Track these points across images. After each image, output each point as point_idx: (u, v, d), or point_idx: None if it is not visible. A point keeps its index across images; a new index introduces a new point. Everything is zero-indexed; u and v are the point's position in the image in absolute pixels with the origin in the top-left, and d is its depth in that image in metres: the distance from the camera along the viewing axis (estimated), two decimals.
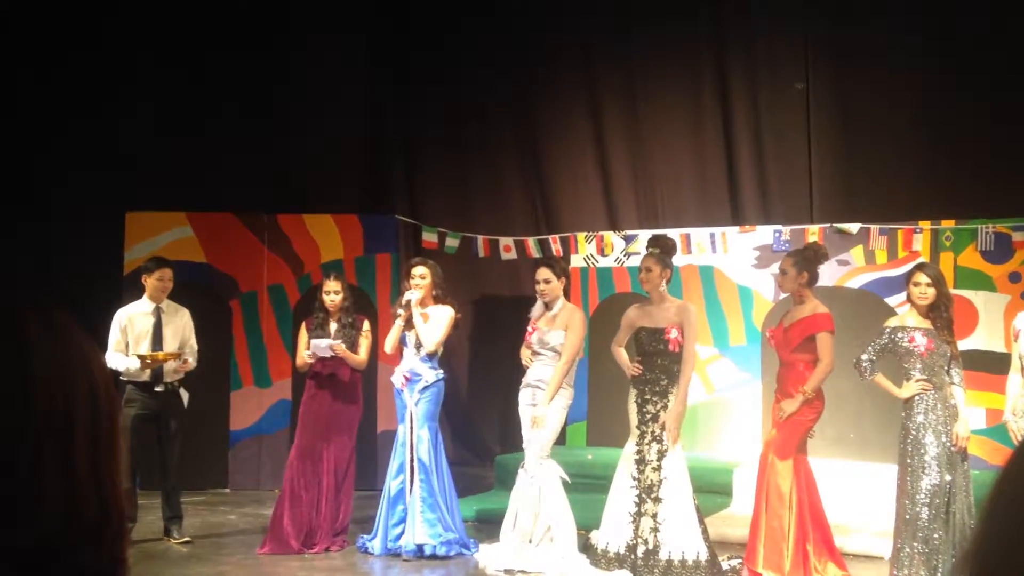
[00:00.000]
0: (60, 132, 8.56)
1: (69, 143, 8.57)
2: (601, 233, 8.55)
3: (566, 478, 5.96)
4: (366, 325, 6.41)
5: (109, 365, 6.13)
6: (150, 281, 6.42)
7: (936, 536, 4.91)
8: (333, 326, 6.34)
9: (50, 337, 0.78)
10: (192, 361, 6.40)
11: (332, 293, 6.32)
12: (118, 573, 0.79)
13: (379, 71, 9.58)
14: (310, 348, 6.18)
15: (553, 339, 5.94)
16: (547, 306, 6.03)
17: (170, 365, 6.28)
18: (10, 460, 0.74)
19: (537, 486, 5.87)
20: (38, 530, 0.74)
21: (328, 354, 6.15)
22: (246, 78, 8.93)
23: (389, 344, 6.33)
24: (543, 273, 6.01)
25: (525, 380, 6.04)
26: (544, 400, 5.87)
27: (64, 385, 0.77)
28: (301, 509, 6.19)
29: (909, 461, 5.03)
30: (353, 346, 6.29)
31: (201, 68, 8.87)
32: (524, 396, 6.01)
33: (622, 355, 5.94)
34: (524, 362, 6.10)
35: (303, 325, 6.49)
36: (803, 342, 5.37)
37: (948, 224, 7.42)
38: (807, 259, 5.50)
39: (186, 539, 6.39)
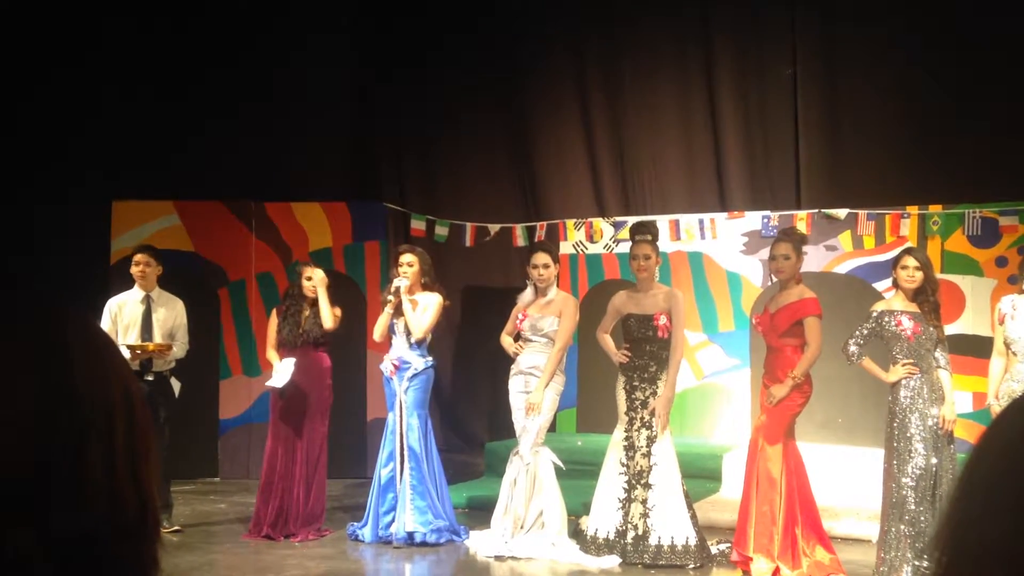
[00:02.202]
0: (46, 121, 8.49)
1: (55, 131, 8.51)
2: (590, 220, 8.55)
3: (560, 464, 5.98)
4: (337, 312, 6.36)
5: None
6: (133, 270, 6.43)
7: (922, 519, 4.94)
8: (306, 313, 6.31)
9: (87, 341, 0.82)
10: (178, 350, 6.38)
11: (312, 278, 6.31)
12: (151, 571, 0.83)
13: (368, 59, 9.53)
14: (273, 378, 6.20)
15: (546, 325, 5.94)
16: (540, 292, 6.02)
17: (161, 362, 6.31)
18: (58, 454, 0.78)
19: (532, 472, 5.88)
20: (83, 522, 0.78)
21: (286, 377, 6.15)
22: (234, 67, 8.87)
23: (378, 332, 6.33)
24: (542, 258, 5.99)
25: (516, 367, 6.04)
26: (539, 386, 5.87)
27: (103, 388, 0.81)
28: (278, 497, 6.20)
29: (895, 444, 5.06)
30: (324, 333, 6.28)
31: (190, 58, 8.81)
32: (516, 383, 6.01)
33: (608, 341, 5.94)
34: (509, 348, 6.08)
35: (274, 312, 6.47)
36: (791, 327, 5.39)
37: (935, 209, 7.45)
38: (801, 243, 5.56)
39: (175, 528, 6.38)
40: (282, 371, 6.19)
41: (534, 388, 5.91)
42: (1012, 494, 0.75)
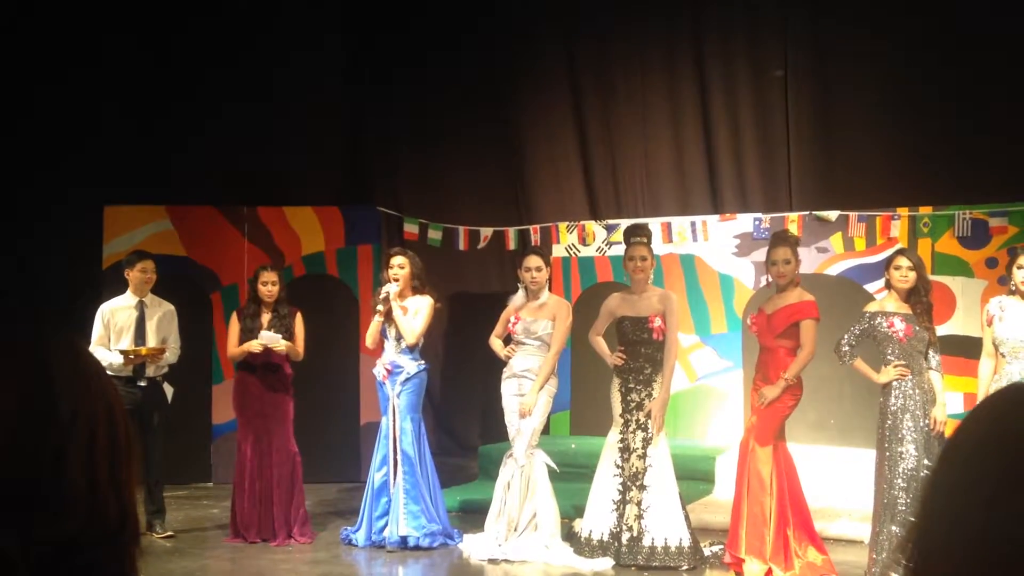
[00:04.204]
0: (39, 126, 8.47)
1: (48, 136, 8.49)
2: (582, 223, 8.57)
3: (554, 466, 5.99)
4: (299, 317, 6.38)
5: None
6: (133, 274, 6.41)
7: (913, 520, 4.96)
8: (266, 317, 6.31)
9: (69, 358, 0.87)
10: (169, 355, 6.37)
11: (269, 284, 6.29)
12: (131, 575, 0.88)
13: (360, 63, 9.54)
14: (260, 338, 6.17)
15: (540, 328, 5.95)
16: (532, 295, 6.02)
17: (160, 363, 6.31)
18: (40, 464, 0.82)
19: (526, 475, 5.89)
20: (64, 527, 0.82)
21: (278, 347, 6.15)
22: (227, 71, 8.87)
23: (370, 339, 6.32)
24: (535, 261, 6.00)
25: (510, 370, 6.04)
26: (533, 389, 5.88)
27: (84, 402, 0.85)
28: (252, 502, 6.20)
29: (887, 446, 5.08)
30: (291, 338, 6.28)
31: (181, 63, 8.80)
32: (510, 386, 6.01)
33: (601, 344, 5.95)
34: (499, 352, 6.08)
35: (234, 315, 6.45)
36: (787, 328, 5.40)
37: (926, 211, 7.48)
38: (796, 245, 5.59)
39: (169, 533, 6.37)
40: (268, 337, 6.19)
41: (528, 391, 5.91)
42: (981, 490, 0.76)
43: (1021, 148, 7.26)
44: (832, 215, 7.69)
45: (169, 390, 6.44)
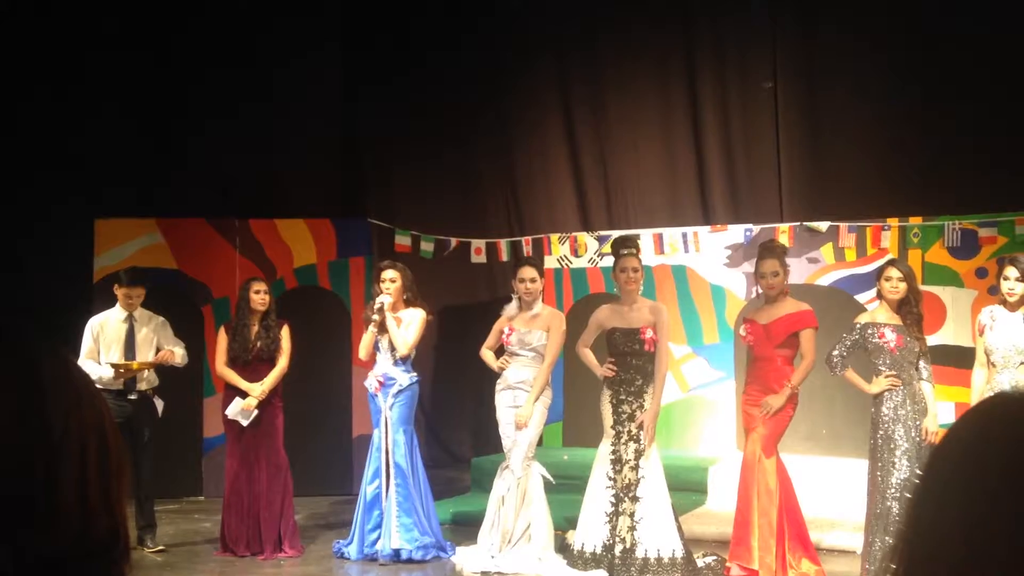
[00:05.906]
0: (29, 138, 8.46)
1: (38, 149, 8.47)
2: (575, 234, 8.59)
3: (550, 478, 5.98)
4: (286, 330, 6.36)
5: None
6: (119, 293, 6.40)
7: (901, 528, 4.96)
8: (255, 329, 6.29)
9: (60, 373, 0.87)
10: (179, 359, 6.35)
11: (262, 292, 6.28)
12: None
13: (351, 75, 9.56)
14: (228, 411, 6.16)
15: (535, 340, 5.95)
16: (526, 306, 6.02)
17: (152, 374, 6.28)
18: (28, 479, 0.82)
19: (522, 486, 5.88)
20: (55, 543, 0.82)
21: (246, 420, 6.13)
22: (218, 85, 8.88)
23: (364, 351, 6.32)
24: (529, 272, 6.00)
25: (504, 382, 6.03)
26: (528, 400, 5.88)
27: (75, 416, 0.86)
28: (240, 515, 6.18)
29: (879, 456, 5.09)
30: (276, 349, 6.27)
31: (173, 73, 8.81)
32: (505, 398, 6.00)
33: (589, 356, 5.94)
34: (491, 363, 6.08)
35: (222, 329, 6.44)
36: (787, 338, 5.41)
37: (916, 221, 7.51)
38: (784, 255, 5.61)
39: (160, 547, 6.34)
40: (240, 408, 6.16)
41: (523, 403, 5.91)
42: (967, 499, 0.76)
43: (1010, 158, 7.31)
44: (822, 226, 7.72)
45: (160, 404, 6.41)
